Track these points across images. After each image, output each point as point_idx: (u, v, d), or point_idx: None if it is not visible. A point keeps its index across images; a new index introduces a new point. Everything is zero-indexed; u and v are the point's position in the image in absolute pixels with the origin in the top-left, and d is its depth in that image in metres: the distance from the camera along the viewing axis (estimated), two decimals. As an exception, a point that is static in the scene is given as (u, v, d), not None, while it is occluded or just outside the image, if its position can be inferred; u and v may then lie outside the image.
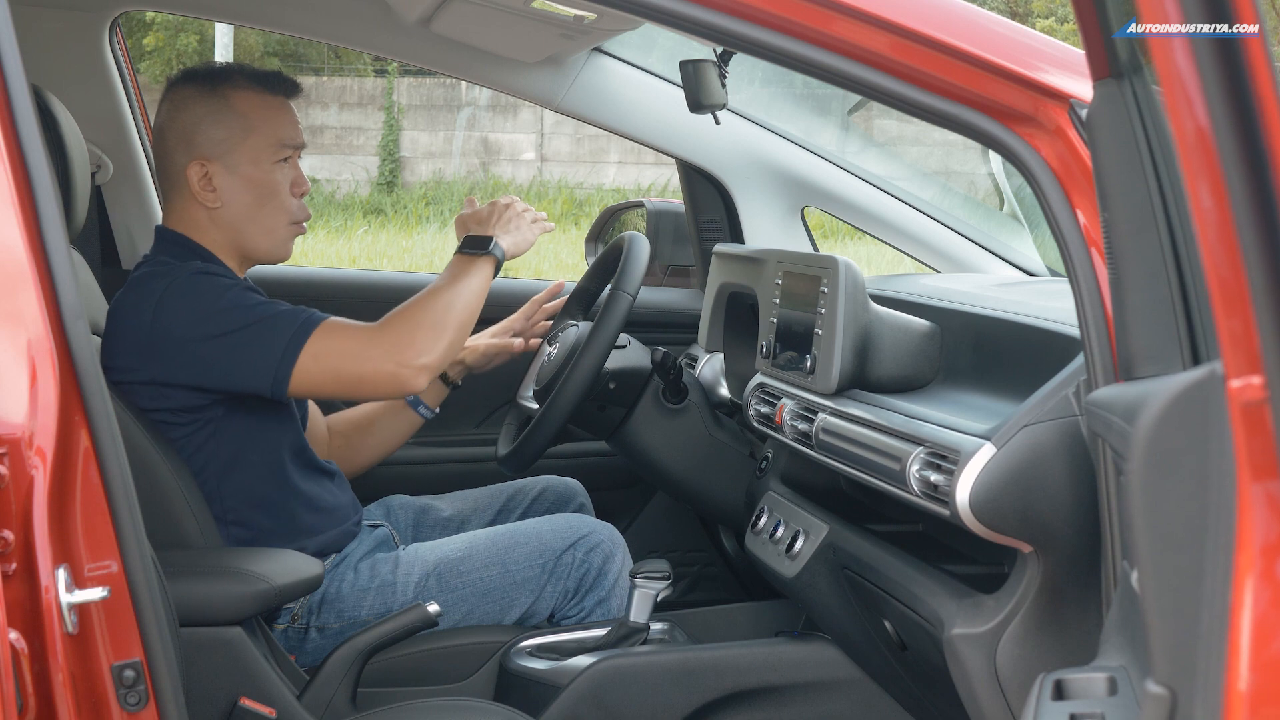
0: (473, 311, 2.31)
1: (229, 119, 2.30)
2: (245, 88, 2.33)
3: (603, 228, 3.60)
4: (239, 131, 2.30)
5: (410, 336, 2.23)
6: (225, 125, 2.30)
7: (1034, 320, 1.94)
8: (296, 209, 2.36)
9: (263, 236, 2.33)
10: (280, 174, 2.33)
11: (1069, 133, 1.63)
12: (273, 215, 2.33)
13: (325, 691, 2.14)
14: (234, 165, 2.30)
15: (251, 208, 2.32)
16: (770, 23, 1.64)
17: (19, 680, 1.33)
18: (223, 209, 2.32)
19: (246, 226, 2.32)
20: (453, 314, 2.27)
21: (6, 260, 1.43)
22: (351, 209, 13.98)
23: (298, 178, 2.36)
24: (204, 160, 2.30)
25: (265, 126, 2.32)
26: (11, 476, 1.38)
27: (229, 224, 2.32)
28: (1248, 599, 0.98)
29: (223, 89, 2.32)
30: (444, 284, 2.31)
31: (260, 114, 2.32)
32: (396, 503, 2.67)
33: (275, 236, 2.34)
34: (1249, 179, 0.98)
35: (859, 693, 2.32)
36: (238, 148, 2.30)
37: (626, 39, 3.00)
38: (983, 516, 1.71)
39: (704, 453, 2.67)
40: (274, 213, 2.33)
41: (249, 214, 2.32)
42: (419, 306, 2.27)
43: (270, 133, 2.32)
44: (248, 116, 2.31)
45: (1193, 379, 1.05)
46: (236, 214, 2.32)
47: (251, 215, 2.32)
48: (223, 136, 2.30)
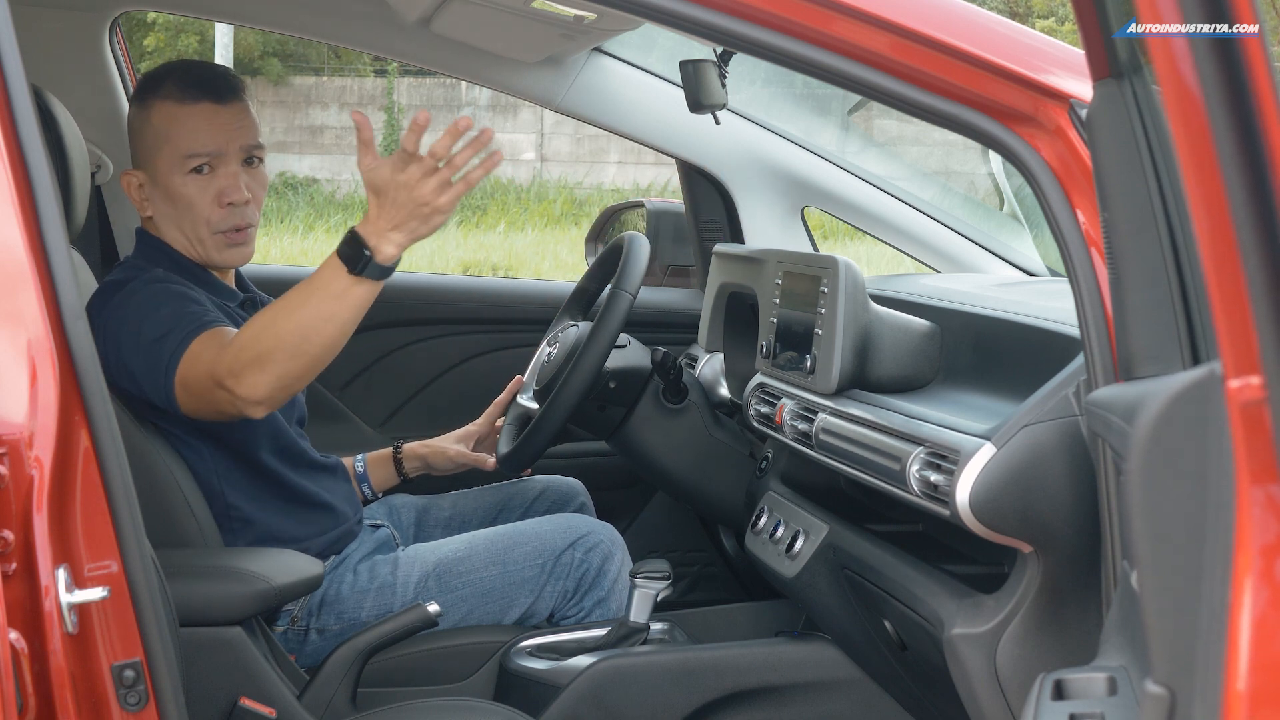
0: (331, 344, 2.02)
1: (147, 131, 2.29)
2: (165, 98, 2.28)
3: (603, 228, 3.60)
4: (154, 143, 2.28)
5: (245, 364, 2.01)
6: (145, 137, 2.30)
7: (1034, 320, 1.94)
8: (219, 219, 2.28)
9: (193, 246, 2.31)
10: (194, 185, 2.27)
11: (1069, 133, 1.63)
12: (194, 226, 2.29)
13: (325, 691, 2.14)
14: (154, 175, 2.29)
15: (174, 218, 2.30)
16: (770, 23, 1.64)
17: (19, 680, 1.33)
18: (156, 218, 2.32)
19: (176, 236, 2.31)
20: (304, 345, 2.00)
21: (6, 260, 1.43)
22: (351, 209, 13.98)
23: (226, 187, 2.28)
24: (133, 171, 2.31)
25: (175, 138, 2.27)
26: (11, 476, 1.38)
27: (165, 232, 2.32)
28: (1247, 599, 0.98)
29: (148, 100, 2.30)
30: (303, 300, 2.02)
31: (171, 126, 2.27)
32: (399, 502, 2.67)
33: (204, 246, 2.30)
34: (1249, 179, 0.98)
35: (859, 693, 2.32)
36: (155, 159, 2.29)
37: (626, 39, 3.00)
38: (983, 516, 1.71)
39: (704, 453, 2.67)
40: (193, 223, 2.29)
41: (174, 224, 2.30)
42: (265, 326, 2.02)
43: (178, 144, 2.27)
44: (160, 129, 2.28)
45: (1192, 379, 1.05)
46: (165, 223, 2.31)
47: (177, 225, 2.30)
48: (143, 147, 2.30)
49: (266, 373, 2.01)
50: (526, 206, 13.99)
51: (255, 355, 2.01)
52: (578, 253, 11.12)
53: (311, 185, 14.25)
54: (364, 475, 2.67)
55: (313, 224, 12.96)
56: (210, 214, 2.28)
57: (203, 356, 2.07)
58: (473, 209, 14.03)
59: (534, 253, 11.82)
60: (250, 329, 2.04)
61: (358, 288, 2.01)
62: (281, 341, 2.00)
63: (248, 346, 2.02)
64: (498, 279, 7.15)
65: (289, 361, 2.01)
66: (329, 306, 2.01)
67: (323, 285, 2.02)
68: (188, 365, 2.09)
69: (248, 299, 2.39)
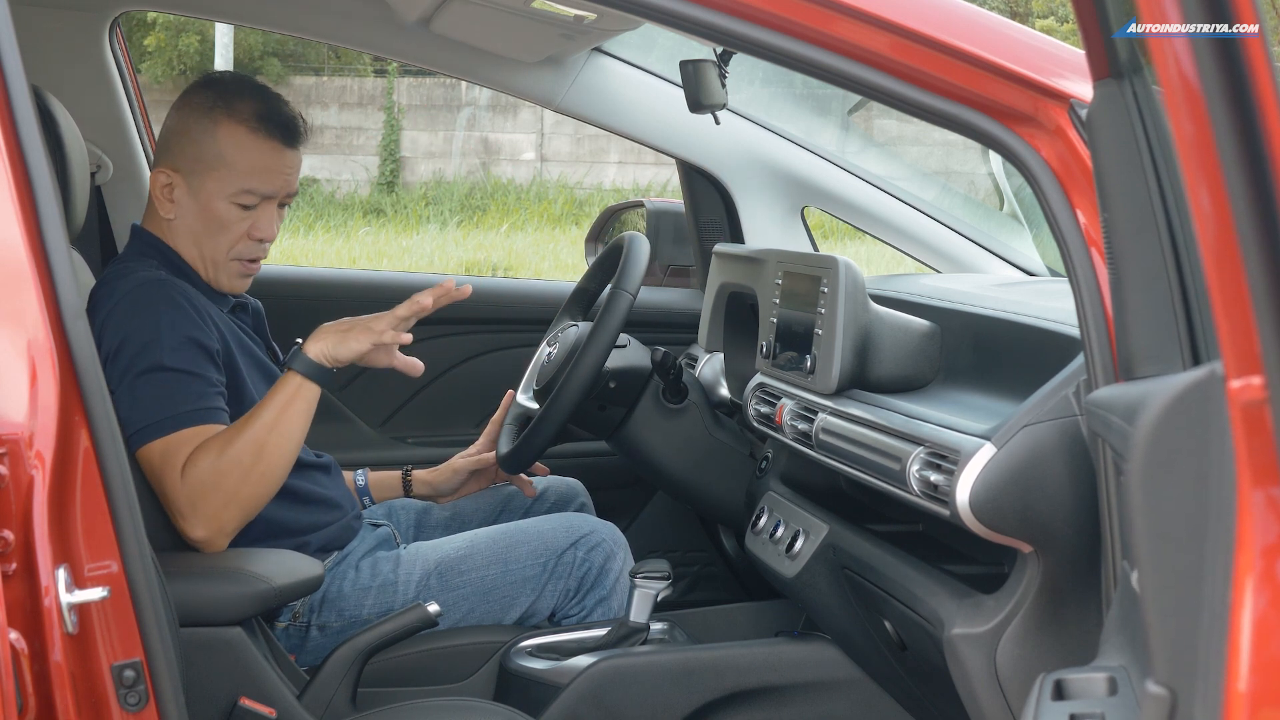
0: (282, 455, 2.13)
1: (208, 144, 2.27)
2: (240, 121, 2.27)
3: (603, 228, 3.60)
4: (212, 160, 2.27)
5: (201, 501, 2.08)
6: (204, 149, 2.27)
7: (1034, 320, 1.94)
8: (244, 249, 2.31)
9: (204, 264, 2.31)
10: (235, 215, 2.28)
11: (1069, 133, 1.63)
12: (215, 248, 2.30)
13: (325, 691, 2.14)
14: (196, 188, 2.28)
15: (198, 233, 2.30)
16: (770, 23, 1.64)
17: (19, 680, 1.33)
18: (176, 222, 2.31)
19: (191, 249, 2.31)
20: (258, 464, 2.10)
21: (6, 260, 1.43)
22: (351, 209, 13.98)
23: (260, 224, 2.30)
24: (172, 170, 2.29)
25: (238, 167, 2.26)
26: (11, 476, 1.38)
27: (181, 240, 2.31)
28: (1247, 599, 0.98)
29: (218, 113, 2.27)
30: (255, 417, 2.13)
31: (237, 153, 2.27)
32: (398, 503, 2.67)
33: (218, 268, 2.31)
34: (1249, 179, 0.98)
35: (859, 693, 2.32)
36: (206, 174, 2.27)
37: (626, 39, 3.00)
38: (983, 516, 1.71)
39: (704, 453, 2.66)
40: (217, 246, 2.30)
41: (195, 238, 2.30)
42: (227, 458, 2.09)
43: (240, 177, 2.26)
44: (224, 151, 2.26)
45: (1193, 379, 1.05)
46: (186, 233, 2.30)
47: (197, 239, 2.30)
48: (196, 156, 2.27)
49: (234, 506, 2.10)
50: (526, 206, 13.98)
51: (226, 493, 2.09)
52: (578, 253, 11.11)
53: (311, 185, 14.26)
54: (364, 489, 2.67)
55: (312, 224, 12.95)
56: (237, 244, 2.30)
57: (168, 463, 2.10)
58: (473, 209, 14.03)
59: (534, 253, 11.81)
60: (214, 465, 2.09)
61: (289, 383, 2.15)
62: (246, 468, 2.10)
63: (206, 487, 2.09)
64: (498, 279, 7.15)
65: (255, 488, 2.11)
66: (278, 419, 2.13)
67: (270, 398, 2.15)
68: (144, 461, 2.11)
69: (238, 304, 2.40)
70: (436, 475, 2.68)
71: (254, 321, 2.45)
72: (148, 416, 2.11)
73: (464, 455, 2.70)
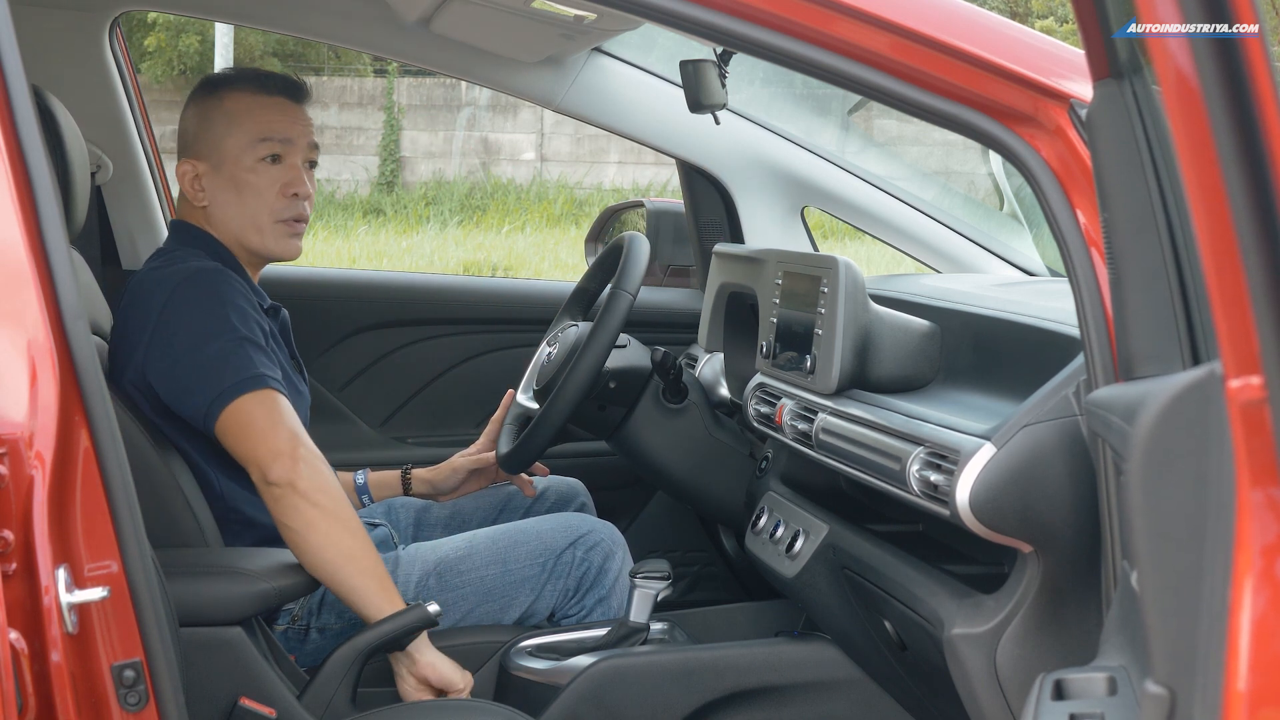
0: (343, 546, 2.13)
1: (217, 117, 2.34)
2: (241, 89, 2.35)
3: (603, 228, 3.60)
4: (223, 128, 2.33)
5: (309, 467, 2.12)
6: (213, 124, 2.33)
7: (1034, 320, 1.94)
8: (283, 208, 2.35)
9: (252, 234, 2.35)
10: (263, 173, 2.33)
11: (1069, 133, 1.63)
12: (256, 213, 2.33)
13: (325, 691, 2.14)
14: (219, 164, 2.33)
15: (234, 205, 2.33)
16: (770, 23, 1.64)
17: (19, 680, 1.33)
18: (211, 207, 2.35)
19: (233, 224, 2.34)
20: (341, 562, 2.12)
21: (6, 260, 1.43)
22: (351, 209, 13.98)
23: (292, 179, 2.35)
24: (194, 160, 2.34)
25: (248, 122, 2.33)
26: (11, 476, 1.38)
27: (221, 222, 2.35)
28: (1247, 599, 0.98)
29: (219, 90, 2.36)
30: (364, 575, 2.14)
31: (246, 111, 2.33)
32: (398, 502, 2.67)
33: (264, 234, 2.35)
34: (1249, 179, 0.98)
35: (859, 693, 2.32)
36: (221, 145, 2.33)
37: (626, 39, 3.00)
38: (983, 516, 1.71)
39: (704, 453, 2.66)
40: (256, 210, 2.33)
41: (233, 211, 2.34)
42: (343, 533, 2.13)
43: (252, 128, 2.32)
44: (233, 114, 2.33)
45: (1192, 379, 1.05)
46: (224, 211, 2.34)
47: (236, 212, 2.34)
48: (209, 135, 2.33)
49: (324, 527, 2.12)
50: (526, 206, 13.98)
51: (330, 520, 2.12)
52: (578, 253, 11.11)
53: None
54: (364, 487, 2.67)
55: (312, 223, 12.95)
56: (275, 202, 2.34)
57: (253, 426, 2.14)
58: (473, 209, 14.03)
59: (534, 253, 11.81)
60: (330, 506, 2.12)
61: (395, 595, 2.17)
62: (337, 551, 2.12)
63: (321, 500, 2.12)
64: (498, 279, 7.15)
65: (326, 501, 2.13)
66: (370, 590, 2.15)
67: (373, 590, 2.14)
68: (233, 419, 2.15)
69: (272, 306, 2.41)
70: (436, 473, 2.69)
71: (282, 329, 2.46)
72: (240, 373, 2.15)
73: (464, 454, 2.70)
